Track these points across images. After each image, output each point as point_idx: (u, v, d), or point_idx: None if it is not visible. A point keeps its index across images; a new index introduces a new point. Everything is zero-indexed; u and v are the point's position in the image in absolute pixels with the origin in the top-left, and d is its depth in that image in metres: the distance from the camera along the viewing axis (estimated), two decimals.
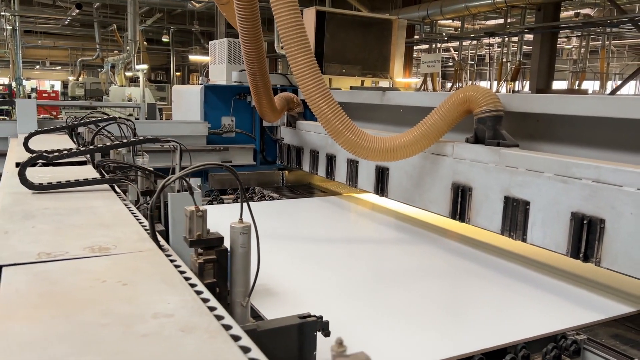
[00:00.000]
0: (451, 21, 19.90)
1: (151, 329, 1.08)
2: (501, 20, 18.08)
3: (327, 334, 1.82)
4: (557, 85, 20.82)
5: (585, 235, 2.36)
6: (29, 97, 21.07)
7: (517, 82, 20.04)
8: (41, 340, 1.02)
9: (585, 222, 2.36)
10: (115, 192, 2.24)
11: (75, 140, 3.86)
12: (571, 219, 2.42)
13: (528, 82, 19.00)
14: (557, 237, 2.51)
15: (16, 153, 3.07)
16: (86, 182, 2.19)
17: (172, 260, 1.47)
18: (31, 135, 3.03)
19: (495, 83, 21.06)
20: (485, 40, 22.15)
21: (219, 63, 5.71)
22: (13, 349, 0.98)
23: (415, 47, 19.95)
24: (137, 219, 1.84)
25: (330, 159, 4.41)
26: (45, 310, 1.14)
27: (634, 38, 22.66)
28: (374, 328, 2.14)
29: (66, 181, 2.14)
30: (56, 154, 2.35)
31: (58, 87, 29.56)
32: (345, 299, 2.45)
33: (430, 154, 3.27)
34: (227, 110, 5.18)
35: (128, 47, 17.34)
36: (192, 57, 22.94)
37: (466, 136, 3.09)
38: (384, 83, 5.64)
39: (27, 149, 2.86)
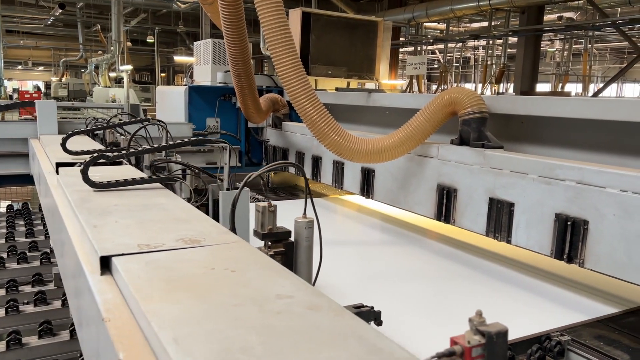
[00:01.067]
0: (436, 23, 20.02)
1: (281, 308, 1.17)
2: (486, 23, 18.26)
3: (379, 323, 1.86)
4: (541, 87, 21.07)
5: (569, 237, 2.37)
6: (11, 98, 20.75)
7: (501, 84, 20.25)
8: (190, 318, 1.12)
9: (569, 223, 2.37)
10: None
11: (101, 141, 3.95)
12: (555, 220, 2.43)
13: (512, 84, 19.19)
14: (541, 238, 2.52)
15: (53, 153, 3.19)
16: (143, 181, 2.30)
17: None
18: (69, 136, 3.13)
19: (480, 85, 21.25)
20: (470, 43, 22.35)
21: (203, 64, 5.67)
22: (171, 325, 1.07)
23: (400, 50, 20.03)
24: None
25: (316, 161, 4.39)
26: (178, 294, 1.23)
27: (615, 41, 23.03)
28: None
29: (124, 179, 2.26)
30: (116, 154, 2.50)
31: (41, 87, 29.14)
32: None
33: (416, 155, 3.27)
34: (211, 111, 5.14)
35: (112, 48, 17.17)
36: (177, 58, 22.80)
37: (451, 138, 3.10)
38: (370, 85, 5.65)
39: (65, 150, 3.00)
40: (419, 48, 20.23)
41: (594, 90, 21.08)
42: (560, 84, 20.89)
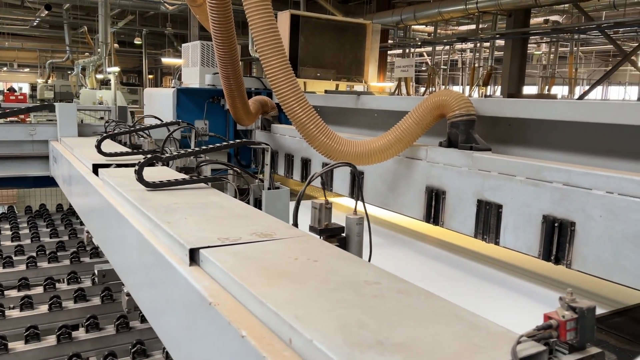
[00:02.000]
0: (424, 26, 20.14)
1: (375, 292, 1.28)
2: (473, 26, 18.38)
3: None
4: (528, 90, 21.27)
5: (557, 238, 2.39)
6: None
7: (489, 87, 20.41)
8: (299, 300, 1.23)
9: (556, 224, 2.39)
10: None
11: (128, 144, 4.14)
12: (542, 221, 2.45)
13: (499, 87, 19.35)
14: (529, 239, 2.54)
15: (86, 155, 3.30)
16: (192, 181, 2.47)
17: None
18: (103, 138, 3.32)
19: (467, 87, 21.40)
20: (458, 46, 22.52)
21: (192, 66, 5.65)
22: (286, 306, 1.18)
23: (389, 52, 20.11)
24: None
25: (305, 163, 4.39)
26: (277, 280, 1.34)
27: (600, 44, 23.32)
28: None
29: (175, 180, 2.43)
30: (168, 154, 2.70)
31: (26, 89, 28.81)
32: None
33: (405, 157, 3.28)
34: (200, 113, 5.11)
35: (99, 50, 17.02)
36: (165, 60, 22.66)
37: (439, 140, 3.12)
38: (359, 87, 5.65)
39: (100, 151, 3.17)
40: (407, 50, 20.34)
41: (580, 93, 21.33)
42: (547, 87, 21.11)
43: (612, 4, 13.41)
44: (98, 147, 3.17)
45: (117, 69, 16.78)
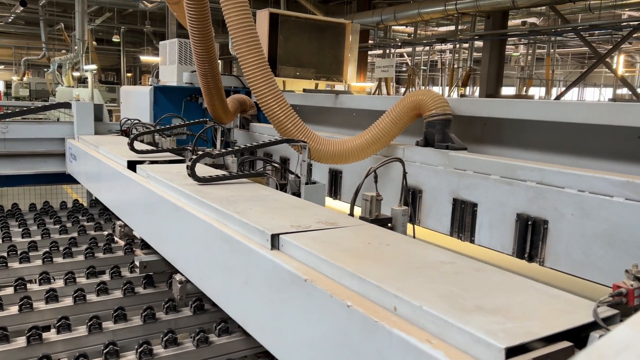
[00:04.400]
0: (404, 27, 20.26)
1: (454, 270, 1.38)
2: (452, 27, 18.56)
3: None
4: (506, 91, 21.56)
5: (530, 236, 2.42)
6: None
7: (468, 88, 20.63)
8: (391, 276, 1.31)
9: (529, 223, 2.42)
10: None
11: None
12: (516, 220, 2.48)
13: (478, 88, 19.56)
14: (503, 238, 2.57)
15: (117, 152, 3.43)
16: (239, 176, 2.69)
17: None
18: (136, 136, 3.49)
19: (447, 88, 21.59)
20: (438, 47, 22.70)
21: (169, 64, 5.59)
22: (382, 279, 1.27)
23: (369, 52, 20.19)
24: None
25: (284, 162, 4.37)
26: (362, 260, 1.43)
27: (576, 47, 23.74)
28: None
29: (222, 174, 2.62)
30: (217, 152, 2.90)
31: (0, 87, 28.22)
32: None
33: (382, 156, 3.29)
34: (178, 111, 5.06)
35: (76, 47, 16.75)
36: (144, 58, 22.40)
37: (416, 139, 3.13)
38: (339, 87, 5.65)
39: (132, 149, 3.33)
40: (387, 51, 20.44)
41: (556, 94, 21.69)
42: (525, 88, 21.42)
43: (587, 7, 13.67)
44: (131, 144, 3.31)
45: (94, 66, 16.55)
